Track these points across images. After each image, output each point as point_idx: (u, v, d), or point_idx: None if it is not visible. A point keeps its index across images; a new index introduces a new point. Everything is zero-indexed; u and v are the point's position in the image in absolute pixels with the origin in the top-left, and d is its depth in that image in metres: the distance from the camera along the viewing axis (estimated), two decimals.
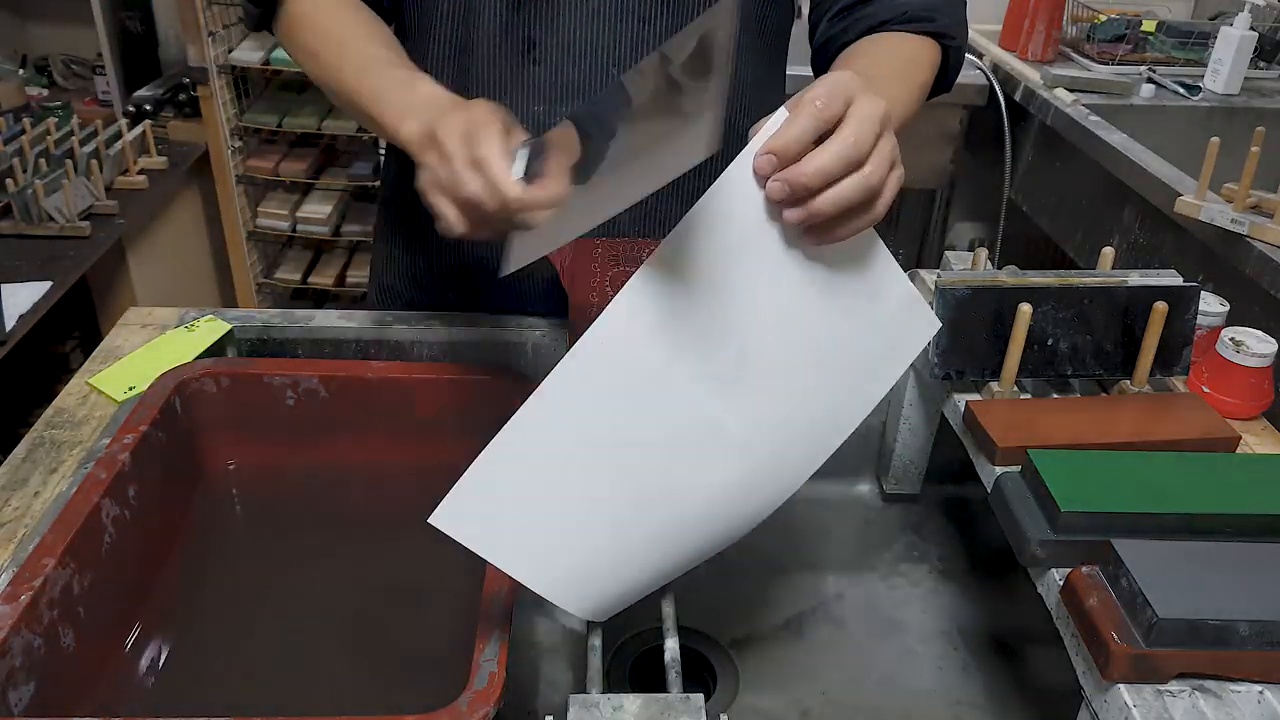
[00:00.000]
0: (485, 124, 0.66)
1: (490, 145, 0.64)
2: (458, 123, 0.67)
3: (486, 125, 0.66)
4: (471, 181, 0.64)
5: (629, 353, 0.59)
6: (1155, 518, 0.66)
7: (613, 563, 0.64)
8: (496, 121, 0.67)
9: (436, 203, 0.68)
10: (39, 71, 2.59)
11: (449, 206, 0.67)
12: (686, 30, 0.63)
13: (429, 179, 0.68)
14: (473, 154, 0.64)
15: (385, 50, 0.83)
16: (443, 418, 0.85)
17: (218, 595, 0.77)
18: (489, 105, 0.69)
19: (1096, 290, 0.83)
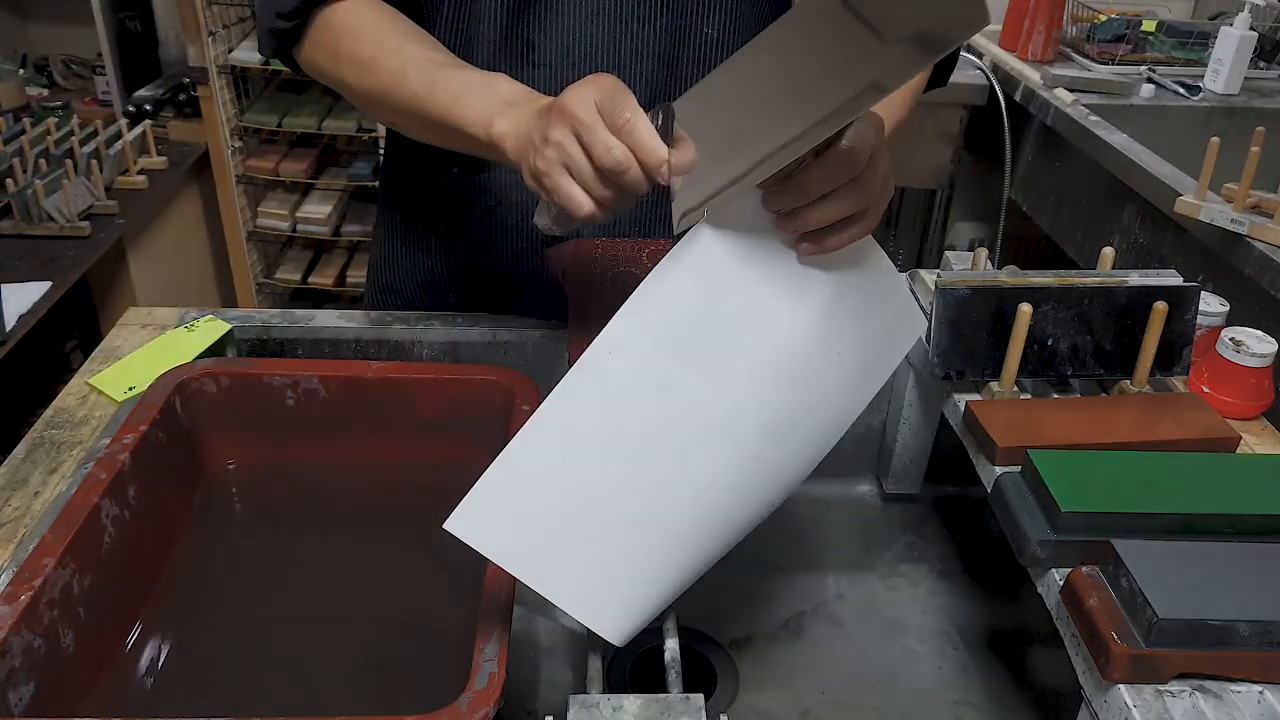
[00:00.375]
0: (619, 91, 0.63)
1: (636, 109, 0.62)
2: (587, 94, 0.64)
3: (621, 91, 0.63)
4: (617, 146, 0.61)
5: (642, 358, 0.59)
6: (1155, 518, 0.66)
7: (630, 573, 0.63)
8: (628, 90, 0.64)
9: (559, 182, 0.64)
10: (39, 71, 2.59)
11: (573, 184, 0.64)
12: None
13: (553, 156, 0.65)
14: (616, 119, 0.62)
15: (447, 55, 0.81)
16: (443, 418, 0.85)
17: (217, 595, 0.77)
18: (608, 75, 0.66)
19: (1096, 290, 0.83)
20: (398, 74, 0.79)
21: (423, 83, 0.77)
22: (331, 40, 0.84)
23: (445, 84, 0.76)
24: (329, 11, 0.84)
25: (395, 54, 0.80)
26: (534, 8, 0.87)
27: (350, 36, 0.83)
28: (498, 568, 0.64)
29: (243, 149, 2.42)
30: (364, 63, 0.81)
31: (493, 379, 0.84)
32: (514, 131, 0.70)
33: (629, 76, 0.89)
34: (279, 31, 0.86)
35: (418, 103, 0.78)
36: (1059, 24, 2.04)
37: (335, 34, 0.83)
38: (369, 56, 0.81)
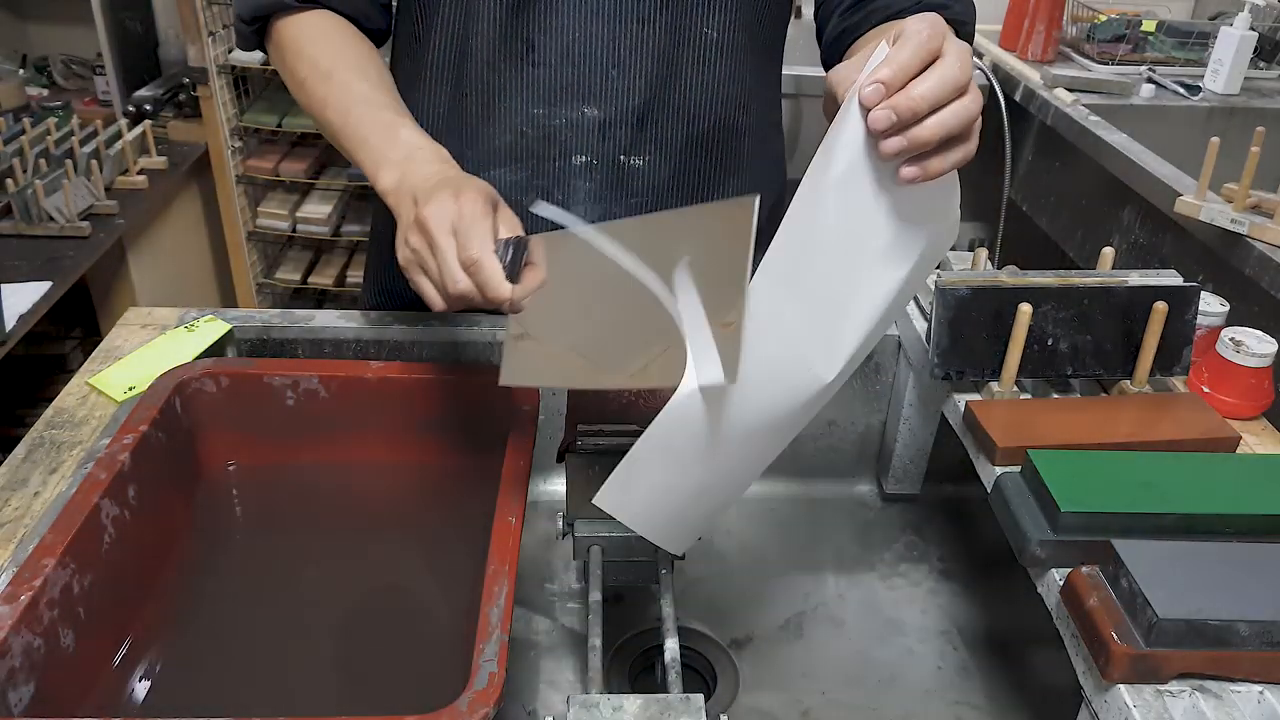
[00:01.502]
0: (475, 220, 0.67)
1: (484, 245, 0.66)
2: (447, 213, 0.68)
3: (477, 221, 0.67)
4: (463, 281, 0.66)
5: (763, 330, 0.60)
6: (1155, 518, 0.66)
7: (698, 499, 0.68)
8: (486, 213, 0.68)
9: (417, 281, 0.70)
10: (39, 71, 2.59)
11: (431, 289, 0.69)
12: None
13: (412, 260, 0.70)
14: (465, 254, 0.66)
15: (371, 88, 0.84)
16: (443, 418, 0.85)
17: (217, 595, 0.77)
18: (475, 187, 0.70)
19: (1096, 290, 0.83)
20: (320, 102, 0.84)
21: (336, 117, 0.82)
22: (278, 53, 0.90)
23: (355, 123, 0.81)
24: (282, 24, 0.89)
25: (323, 81, 0.84)
26: (533, 7, 0.87)
27: (292, 53, 0.88)
28: (497, 567, 0.64)
29: (243, 149, 2.42)
30: (299, 82, 0.87)
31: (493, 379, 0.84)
32: (394, 191, 0.75)
33: (628, 76, 0.89)
34: (244, 32, 0.92)
35: (332, 133, 0.84)
36: (1059, 24, 2.04)
37: (282, 48, 0.89)
38: (302, 78, 0.86)
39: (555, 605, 0.90)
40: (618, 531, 0.75)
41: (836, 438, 1.03)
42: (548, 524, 0.97)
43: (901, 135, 0.58)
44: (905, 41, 0.59)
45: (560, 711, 0.60)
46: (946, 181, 0.64)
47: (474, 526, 0.77)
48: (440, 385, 0.85)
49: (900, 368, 0.98)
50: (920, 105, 0.58)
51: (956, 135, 0.60)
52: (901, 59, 0.58)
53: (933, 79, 0.58)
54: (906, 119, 0.58)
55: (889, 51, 0.59)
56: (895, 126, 0.58)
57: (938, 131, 0.59)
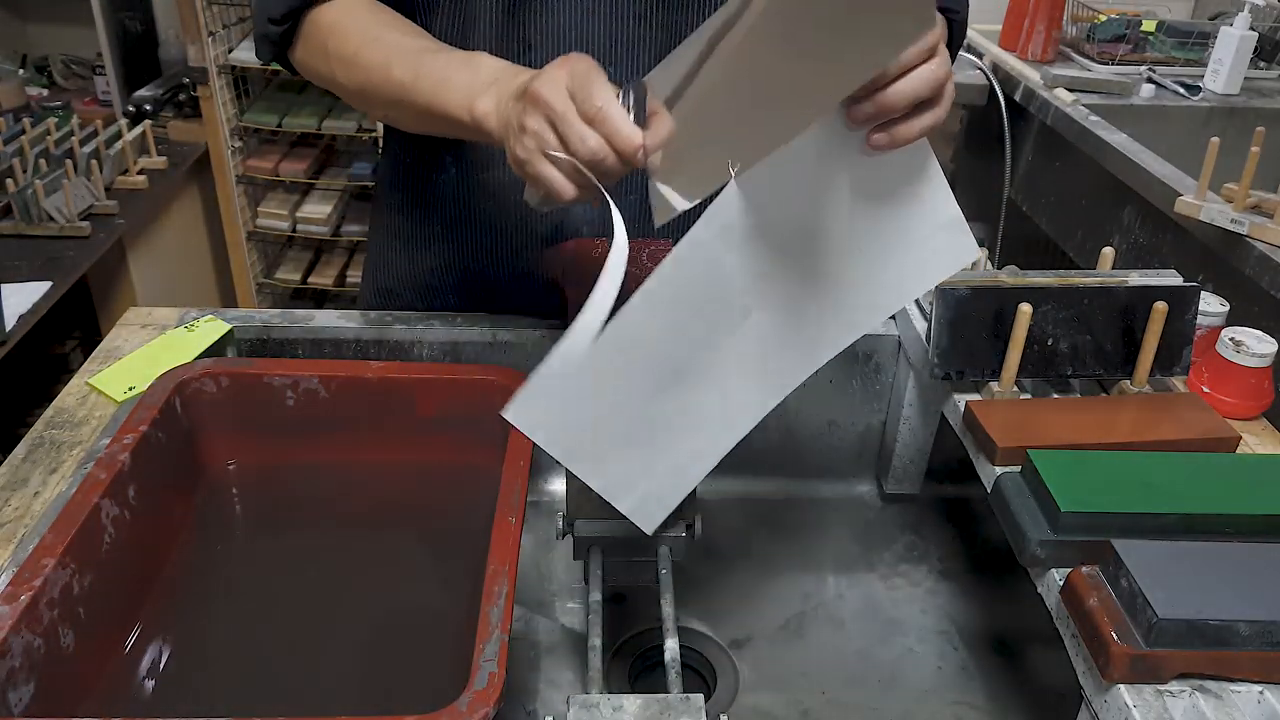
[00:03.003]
0: (590, 74, 0.63)
1: (606, 94, 0.61)
2: (558, 79, 0.63)
3: (592, 75, 0.63)
4: (591, 136, 0.61)
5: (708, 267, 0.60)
6: (1155, 518, 0.66)
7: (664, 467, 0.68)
8: (598, 69, 0.64)
9: (541, 171, 0.65)
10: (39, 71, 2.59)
11: (556, 172, 0.64)
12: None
13: (532, 145, 0.65)
14: (587, 108, 0.61)
15: (427, 40, 0.81)
16: (443, 418, 0.85)
17: (217, 595, 0.77)
18: (580, 56, 0.66)
19: (1096, 290, 0.83)
20: (382, 65, 0.79)
21: (406, 71, 0.77)
22: (320, 39, 0.85)
23: (428, 69, 0.76)
24: (316, 12, 0.85)
25: (378, 45, 0.80)
26: (529, 7, 0.87)
27: (336, 34, 0.83)
28: (497, 567, 0.64)
29: (243, 149, 2.42)
30: (349, 58, 0.82)
31: (493, 379, 0.84)
32: (496, 111, 0.70)
33: (626, 74, 0.89)
34: (273, 36, 0.87)
35: (404, 92, 0.77)
36: (1059, 24, 2.04)
37: (323, 33, 0.84)
38: (353, 51, 0.81)
39: (555, 605, 0.90)
40: (618, 532, 0.75)
41: (836, 438, 1.03)
42: (548, 524, 0.97)
43: (869, 101, 0.58)
44: None
45: (560, 711, 0.60)
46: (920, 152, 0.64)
47: (474, 526, 0.77)
48: (440, 385, 0.85)
49: (900, 368, 0.98)
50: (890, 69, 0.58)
51: (925, 100, 0.60)
52: None
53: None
54: (875, 83, 0.58)
55: None
56: (864, 92, 0.58)
57: (906, 97, 0.59)
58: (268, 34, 0.87)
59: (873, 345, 0.98)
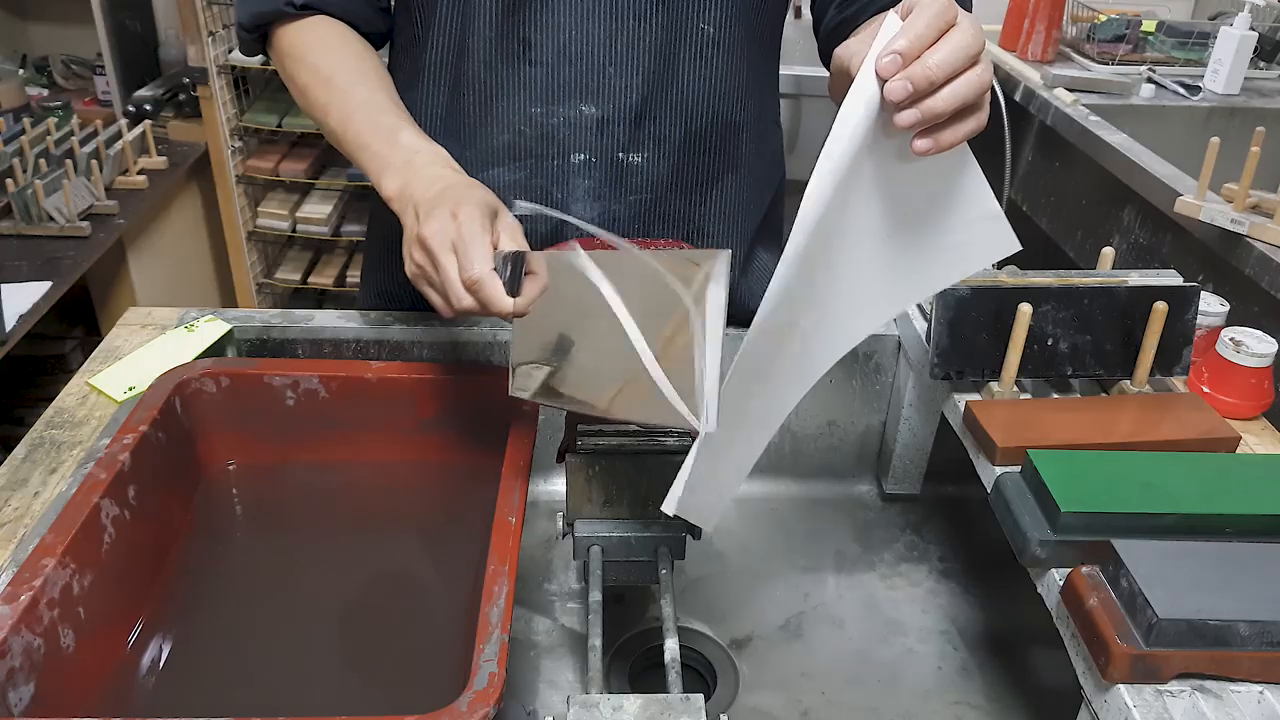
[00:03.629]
0: (474, 238, 0.68)
1: (484, 263, 0.67)
2: (447, 232, 0.69)
3: (475, 239, 0.68)
4: (467, 299, 0.68)
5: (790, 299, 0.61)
6: (1155, 518, 0.66)
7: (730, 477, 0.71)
8: (485, 228, 0.69)
9: (427, 293, 0.72)
10: (39, 71, 2.59)
11: (439, 300, 0.71)
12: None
13: (418, 275, 0.72)
14: (466, 275, 0.67)
15: (371, 92, 0.85)
16: (443, 418, 0.85)
17: (218, 595, 0.77)
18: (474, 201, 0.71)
19: (1096, 290, 0.83)
20: (322, 107, 0.86)
21: (338, 122, 0.84)
22: (279, 60, 0.91)
23: (355, 127, 0.83)
24: (282, 31, 0.91)
25: (324, 87, 0.86)
26: (529, 6, 0.87)
27: (293, 60, 0.89)
28: (497, 567, 0.64)
29: (243, 149, 2.42)
30: (300, 88, 0.88)
31: (493, 379, 0.84)
32: (398, 197, 0.77)
33: (625, 73, 0.89)
34: (245, 39, 0.93)
35: (335, 138, 0.86)
36: (1059, 24, 2.04)
37: (283, 55, 0.91)
38: (304, 84, 0.88)
39: (555, 605, 0.90)
40: (618, 531, 0.75)
41: (836, 438, 1.03)
42: (548, 524, 0.97)
43: (915, 107, 0.58)
44: (920, 11, 0.59)
45: (560, 711, 0.60)
46: (958, 152, 0.64)
47: (474, 526, 0.77)
48: (440, 385, 0.85)
49: (900, 368, 0.98)
50: (936, 75, 0.58)
51: (969, 105, 0.61)
52: (918, 29, 0.58)
53: (946, 48, 0.58)
54: (923, 89, 0.58)
55: (904, 22, 0.59)
56: (911, 97, 0.58)
57: (952, 102, 0.59)
58: (240, 36, 0.94)
59: (873, 345, 0.98)
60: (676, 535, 0.76)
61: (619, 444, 0.74)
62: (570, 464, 0.74)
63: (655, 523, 0.76)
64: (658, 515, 0.75)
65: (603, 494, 0.74)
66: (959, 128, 0.61)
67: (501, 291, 0.67)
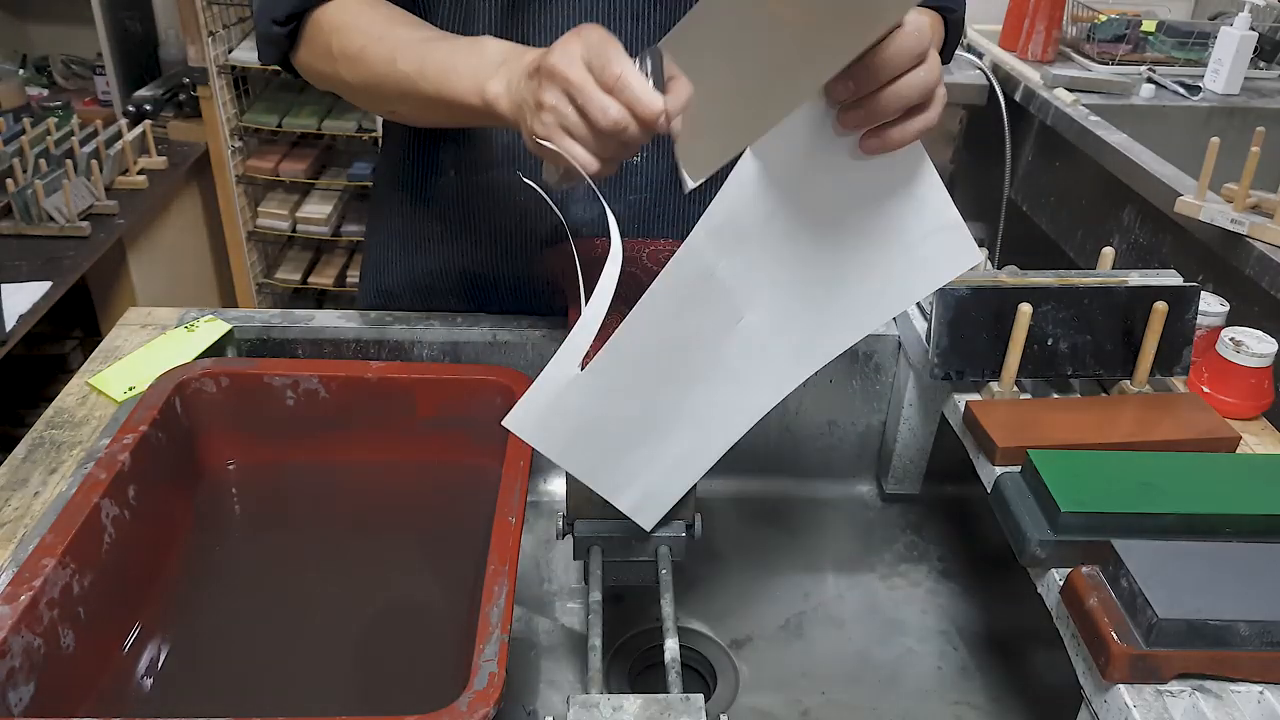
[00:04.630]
0: (605, 43, 0.62)
1: (624, 62, 0.61)
2: (573, 51, 0.63)
3: (608, 44, 0.62)
4: (613, 106, 0.61)
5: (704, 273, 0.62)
6: (1155, 518, 0.66)
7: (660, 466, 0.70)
8: (611, 37, 0.63)
9: (562, 145, 0.64)
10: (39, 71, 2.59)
11: (578, 146, 0.64)
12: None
13: (550, 121, 0.64)
14: (606, 77, 0.61)
15: (430, 30, 0.81)
16: (443, 418, 0.85)
17: (217, 595, 0.77)
18: (592, 26, 0.65)
19: (1096, 290, 0.83)
20: (388, 59, 0.79)
21: (412, 62, 0.77)
22: (323, 39, 0.84)
23: (434, 58, 0.76)
24: (319, 13, 0.85)
25: (383, 41, 0.80)
26: (529, 7, 0.87)
27: (340, 32, 0.83)
28: (497, 567, 0.64)
29: (243, 149, 2.42)
30: (354, 55, 0.81)
31: (493, 379, 0.84)
32: (507, 93, 0.70)
33: None
34: (276, 37, 0.86)
35: (411, 84, 0.77)
36: (1059, 24, 2.04)
37: (326, 33, 0.84)
38: (359, 47, 0.81)
39: (555, 605, 0.90)
40: (618, 532, 0.75)
41: (836, 438, 1.03)
42: (548, 524, 0.97)
43: (860, 108, 0.59)
44: None
45: (560, 711, 0.60)
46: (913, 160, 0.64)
47: (474, 526, 0.77)
48: (440, 385, 0.85)
49: (900, 368, 0.98)
50: (880, 75, 0.58)
51: (916, 105, 0.60)
52: None
53: (889, 50, 0.58)
54: (865, 89, 0.58)
55: None
56: (853, 96, 0.58)
57: (896, 103, 0.59)
58: (271, 35, 0.86)
59: (873, 345, 0.98)
60: (676, 535, 0.76)
61: None
62: None
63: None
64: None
65: None
66: (906, 126, 0.61)
67: (649, 86, 0.61)
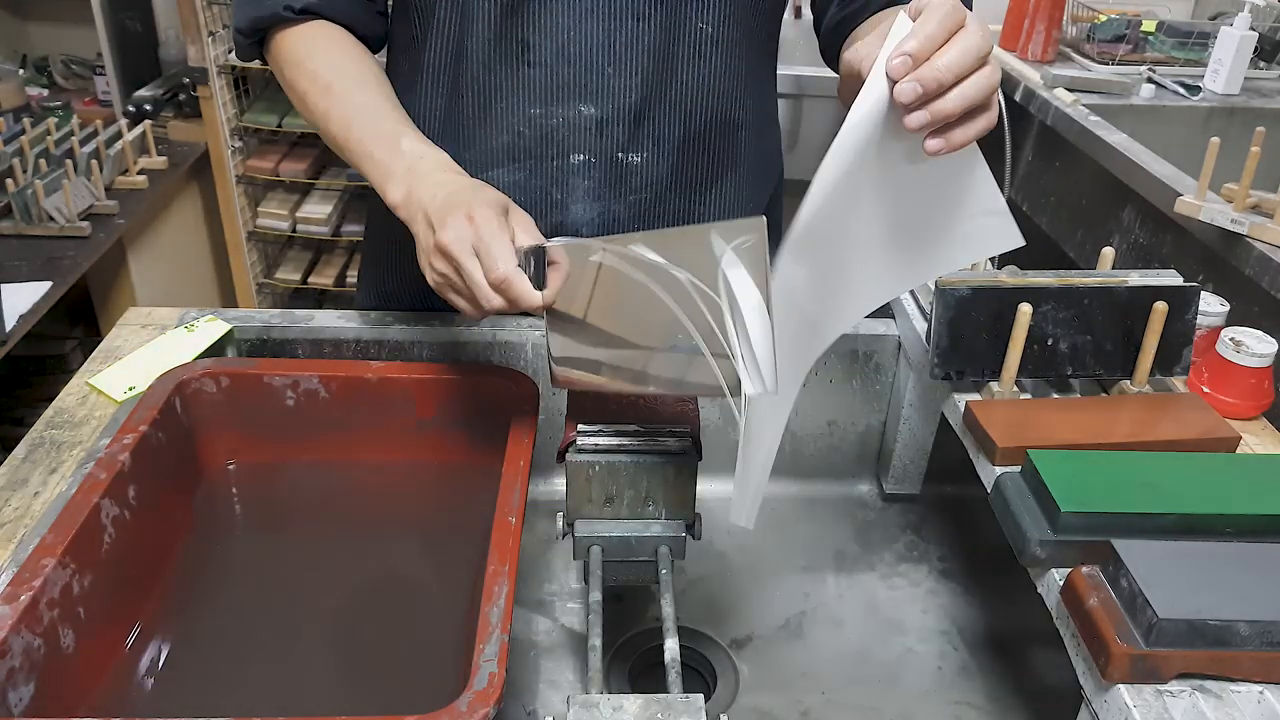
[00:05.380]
0: (494, 237, 0.68)
1: (508, 262, 0.67)
2: (466, 236, 0.69)
3: (496, 239, 0.68)
4: (497, 299, 0.68)
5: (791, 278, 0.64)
6: (1155, 518, 0.66)
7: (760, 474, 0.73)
8: (503, 226, 0.69)
9: (454, 300, 0.72)
10: (39, 71, 2.59)
11: (466, 306, 0.71)
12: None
13: (442, 283, 0.72)
14: (493, 276, 0.67)
15: (370, 98, 0.85)
16: (443, 418, 0.85)
17: (218, 595, 0.77)
18: (485, 201, 0.71)
19: (1096, 290, 0.83)
20: (323, 114, 0.85)
21: (339, 129, 0.84)
22: (277, 65, 0.91)
23: (358, 137, 0.82)
24: (280, 37, 0.90)
25: (324, 95, 0.86)
26: (527, 7, 0.87)
27: (291, 66, 0.89)
28: (497, 567, 0.64)
29: (243, 149, 2.42)
30: (300, 95, 0.87)
31: (493, 379, 0.84)
32: (403, 204, 0.77)
33: (624, 73, 0.89)
34: (241, 43, 0.93)
35: (337, 145, 0.85)
36: (1059, 24, 2.04)
37: (281, 61, 0.90)
38: (303, 91, 0.87)
39: (555, 605, 0.90)
40: (618, 531, 0.75)
41: (836, 438, 1.03)
42: (548, 524, 0.97)
43: (925, 109, 0.59)
44: (930, 13, 0.59)
45: (560, 711, 0.60)
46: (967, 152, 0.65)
47: (474, 526, 0.77)
48: (440, 385, 0.85)
49: (900, 368, 0.98)
50: (945, 77, 0.59)
51: (978, 106, 0.61)
52: (928, 30, 0.59)
53: (955, 50, 0.59)
54: (932, 91, 0.59)
55: (914, 24, 0.60)
56: (920, 99, 0.59)
57: (960, 104, 0.60)
58: (237, 40, 0.93)
59: (873, 345, 0.98)
60: (676, 535, 0.76)
61: (619, 444, 0.74)
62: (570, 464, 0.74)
63: (655, 523, 0.76)
64: (658, 515, 0.75)
65: (603, 494, 0.74)
66: (969, 127, 0.62)
67: (530, 287, 0.68)
